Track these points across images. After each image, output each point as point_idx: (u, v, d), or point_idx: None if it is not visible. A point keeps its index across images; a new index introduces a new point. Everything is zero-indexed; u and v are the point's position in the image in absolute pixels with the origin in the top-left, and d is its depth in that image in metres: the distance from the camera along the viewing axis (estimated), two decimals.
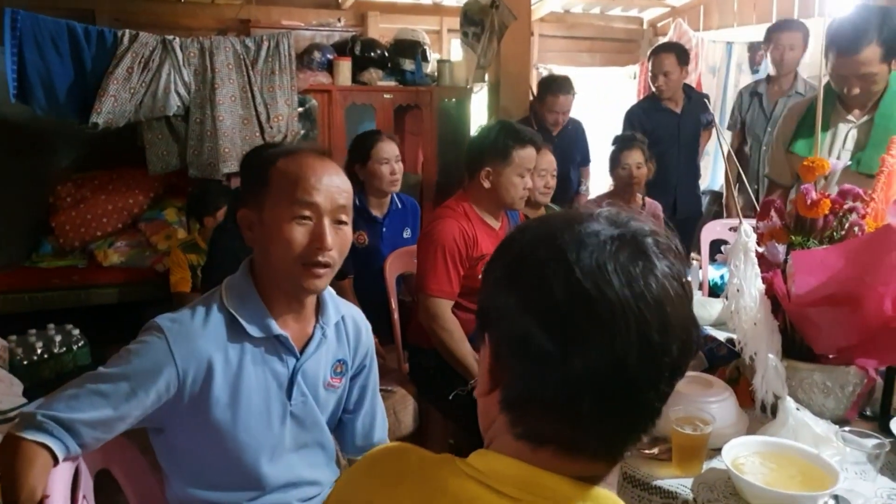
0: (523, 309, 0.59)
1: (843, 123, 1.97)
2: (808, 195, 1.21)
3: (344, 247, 1.13)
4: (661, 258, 0.59)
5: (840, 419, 1.26)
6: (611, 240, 0.58)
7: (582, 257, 0.57)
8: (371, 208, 2.61)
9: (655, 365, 0.57)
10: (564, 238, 0.59)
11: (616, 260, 0.57)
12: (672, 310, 0.57)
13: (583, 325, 0.56)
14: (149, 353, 1.06)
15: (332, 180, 1.12)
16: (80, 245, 3.57)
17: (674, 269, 0.59)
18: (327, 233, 1.09)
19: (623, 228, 0.60)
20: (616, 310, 0.55)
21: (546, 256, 0.59)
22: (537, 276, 0.59)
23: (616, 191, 2.78)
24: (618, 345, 0.55)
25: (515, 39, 3.32)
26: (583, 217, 0.61)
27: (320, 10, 4.58)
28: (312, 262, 1.09)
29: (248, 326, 1.11)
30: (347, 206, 1.13)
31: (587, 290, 0.56)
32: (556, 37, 5.50)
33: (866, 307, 1.15)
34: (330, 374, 1.23)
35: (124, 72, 3.06)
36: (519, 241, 0.63)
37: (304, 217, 1.09)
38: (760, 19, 4.83)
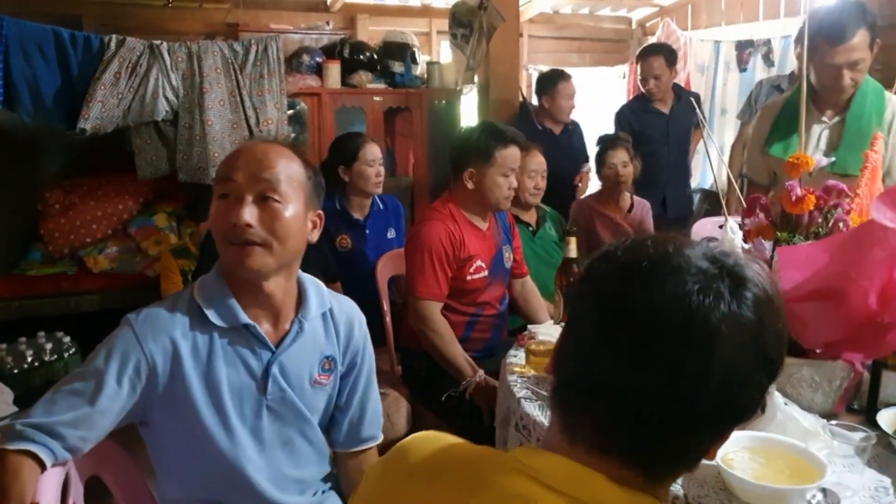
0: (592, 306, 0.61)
1: (817, 124, 1.98)
2: (792, 192, 1.22)
3: (276, 226, 1.09)
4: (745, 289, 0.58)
5: (828, 413, 1.27)
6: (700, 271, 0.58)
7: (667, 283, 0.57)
8: (352, 211, 2.62)
9: (679, 397, 0.56)
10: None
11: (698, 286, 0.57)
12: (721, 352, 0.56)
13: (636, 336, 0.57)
14: (116, 344, 1.07)
15: (257, 156, 1.10)
16: (70, 252, 3.55)
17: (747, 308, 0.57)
18: (243, 208, 1.06)
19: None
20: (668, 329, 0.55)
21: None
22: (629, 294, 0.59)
23: (604, 190, 2.80)
24: (658, 363, 0.55)
25: (504, 40, 3.33)
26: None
27: (309, 13, 4.57)
28: (233, 240, 1.08)
29: (211, 314, 1.11)
30: (276, 182, 1.09)
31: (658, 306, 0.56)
32: (545, 37, 5.52)
33: (851, 302, 1.16)
34: (318, 370, 1.22)
35: (112, 77, 3.05)
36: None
37: (224, 195, 1.10)
38: (748, 18, 4.87)
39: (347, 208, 2.61)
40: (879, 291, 1.15)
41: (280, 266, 1.13)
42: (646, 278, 0.57)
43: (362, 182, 2.55)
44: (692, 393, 0.56)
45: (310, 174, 1.17)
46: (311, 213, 1.17)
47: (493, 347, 2.14)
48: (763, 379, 0.59)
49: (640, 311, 0.57)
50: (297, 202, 1.12)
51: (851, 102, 1.90)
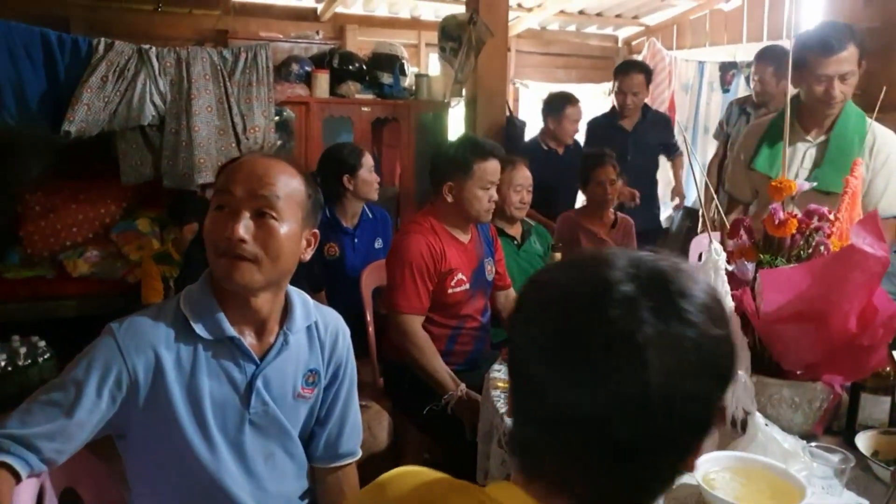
0: (531, 339, 0.59)
1: (802, 143, 2.03)
2: (776, 215, 1.24)
3: (269, 242, 1.07)
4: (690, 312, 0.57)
5: (808, 434, 1.29)
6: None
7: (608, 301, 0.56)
8: (343, 219, 2.63)
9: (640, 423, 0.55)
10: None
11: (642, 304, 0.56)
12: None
13: (577, 358, 0.56)
14: (98, 354, 1.05)
15: (257, 172, 1.09)
16: (49, 255, 3.49)
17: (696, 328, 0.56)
18: (238, 223, 1.05)
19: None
20: (617, 347, 0.55)
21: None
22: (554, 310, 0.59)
23: (589, 206, 2.82)
24: (605, 389, 0.54)
25: (492, 55, 3.35)
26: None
27: (299, 22, 4.58)
28: (225, 252, 1.07)
29: (197, 326, 1.09)
30: (272, 199, 1.08)
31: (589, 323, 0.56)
32: (533, 53, 5.57)
33: (832, 324, 1.18)
34: (301, 384, 1.21)
35: (98, 80, 3.02)
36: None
37: (220, 207, 1.09)
38: (731, 40, 4.97)
39: (338, 216, 2.62)
40: (859, 314, 1.18)
41: (269, 283, 1.11)
42: (573, 307, 0.57)
43: (366, 189, 2.60)
44: (637, 417, 0.55)
45: (310, 192, 1.15)
46: (306, 232, 1.16)
47: (476, 360, 2.14)
48: (714, 391, 0.58)
49: (573, 339, 0.56)
50: (293, 220, 1.11)
51: (836, 123, 1.94)
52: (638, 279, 0.57)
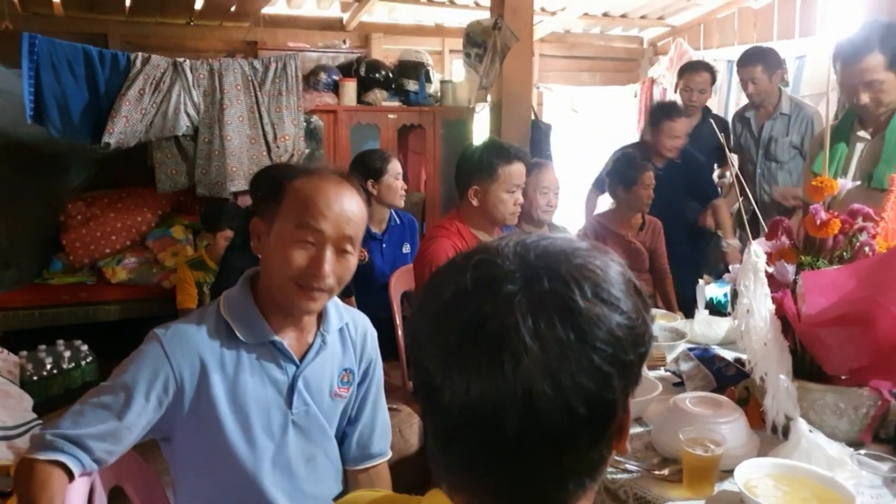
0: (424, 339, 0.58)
1: (860, 142, 2.02)
2: (817, 215, 1.22)
3: (344, 274, 1.13)
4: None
5: (854, 442, 1.25)
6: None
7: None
8: (371, 225, 2.65)
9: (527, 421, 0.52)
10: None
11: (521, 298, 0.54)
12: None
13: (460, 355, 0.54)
14: (146, 360, 1.08)
15: (343, 208, 1.12)
16: (90, 262, 3.60)
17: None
18: (326, 261, 1.09)
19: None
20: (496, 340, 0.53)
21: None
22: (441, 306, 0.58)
23: (620, 210, 2.79)
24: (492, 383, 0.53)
25: (517, 60, 3.35)
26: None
27: (325, 31, 4.64)
28: (307, 286, 1.11)
29: (240, 331, 1.13)
30: (355, 237, 1.13)
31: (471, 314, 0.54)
32: (557, 56, 5.56)
33: (879, 327, 1.15)
34: (337, 383, 1.24)
35: (136, 93, 3.10)
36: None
37: (308, 241, 1.11)
38: (761, 38, 4.88)
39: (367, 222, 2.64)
40: None
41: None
42: (458, 312, 0.55)
43: (390, 194, 2.62)
44: (524, 416, 0.53)
45: (365, 213, 1.18)
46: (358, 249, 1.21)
47: None
48: (608, 380, 0.54)
49: (456, 339, 0.55)
50: (359, 245, 1.16)
51: (892, 118, 1.92)
52: (522, 273, 0.55)
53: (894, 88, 1.89)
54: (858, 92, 1.89)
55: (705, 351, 1.62)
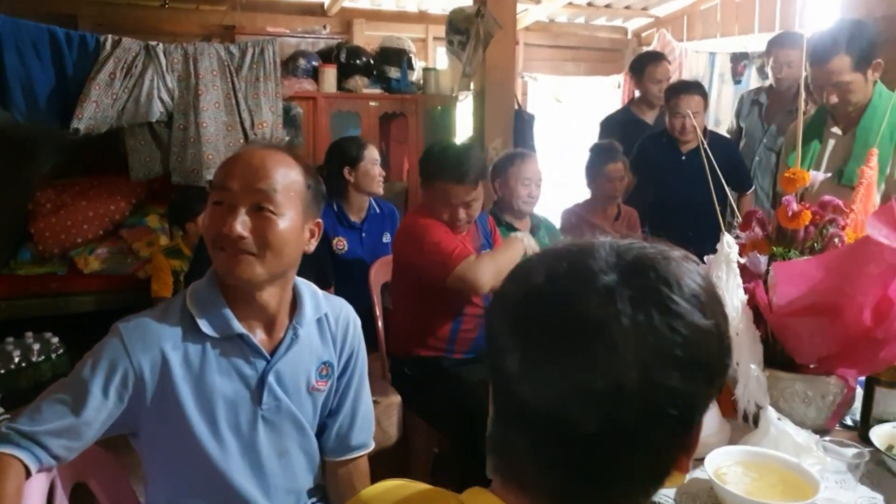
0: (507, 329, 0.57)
1: (833, 138, 2.04)
2: (789, 207, 1.22)
3: (268, 235, 1.06)
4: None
5: (821, 429, 1.27)
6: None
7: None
8: (350, 213, 2.62)
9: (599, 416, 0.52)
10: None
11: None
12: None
13: (543, 346, 0.54)
14: (104, 353, 1.05)
15: (254, 163, 1.08)
16: (60, 252, 3.52)
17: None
18: (236, 219, 1.04)
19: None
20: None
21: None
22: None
23: (596, 200, 2.80)
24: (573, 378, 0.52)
25: (500, 48, 3.33)
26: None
27: (306, 16, 4.57)
28: (224, 248, 1.07)
29: (203, 324, 1.09)
30: (272, 193, 1.07)
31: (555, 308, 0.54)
32: (541, 46, 5.54)
33: (846, 317, 1.16)
34: (315, 377, 1.20)
35: (107, 77, 3.03)
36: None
37: (218, 202, 1.08)
38: (743, 30, 4.91)
39: (346, 211, 2.62)
40: (874, 307, 1.15)
41: (273, 277, 1.11)
42: (551, 299, 0.55)
43: (367, 181, 2.58)
44: (609, 412, 0.52)
45: (310, 182, 1.14)
46: (309, 223, 1.15)
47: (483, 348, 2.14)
48: (698, 386, 0.54)
49: (546, 331, 0.54)
50: (293, 212, 1.10)
51: (863, 116, 1.94)
52: (619, 268, 0.55)
53: (861, 88, 1.91)
54: (828, 92, 1.92)
55: None
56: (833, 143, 2.03)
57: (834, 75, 1.88)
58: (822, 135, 2.06)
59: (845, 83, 1.88)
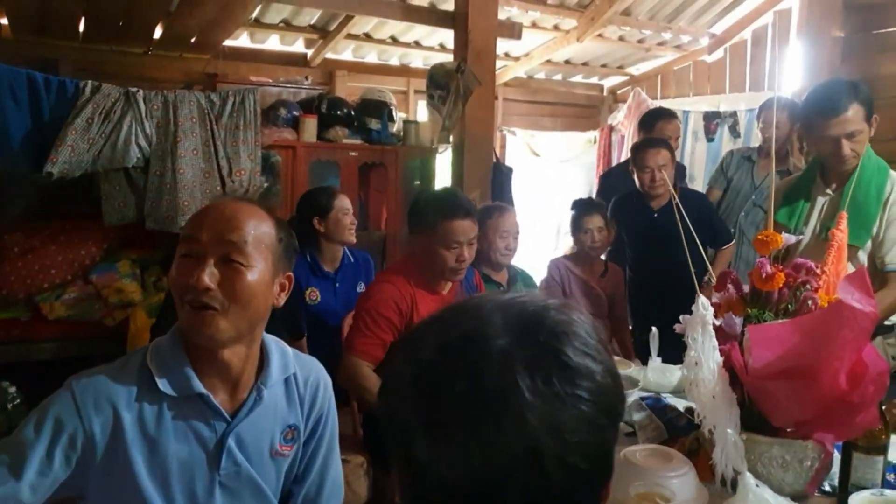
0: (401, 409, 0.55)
1: (821, 196, 2.05)
2: (762, 269, 1.23)
3: (237, 289, 1.03)
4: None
5: (799, 494, 1.25)
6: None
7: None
8: (323, 263, 2.60)
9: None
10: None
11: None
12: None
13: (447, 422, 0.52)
14: (53, 411, 0.99)
15: (225, 215, 1.06)
16: (25, 297, 3.40)
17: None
18: (203, 270, 1.01)
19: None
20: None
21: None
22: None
23: (579, 254, 2.81)
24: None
25: (480, 103, 3.39)
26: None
27: (288, 66, 4.63)
28: (191, 302, 1.02)
29: (162, 383, 1.04)
30: (242, 245, 1.04)
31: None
32: (520, 101, 5.67)
33: (822, 381, 1.15)
34: (280, 441, 1.15)
35: (84, 122, 3.01)
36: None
37: (186, 254, 1.05)
38: (715, 90, 5.10)
39: (319, 261, 2.59)
40: (849, 371, 1.15)
41: (239, 333, 1.07)
42: (449, 373, 0.53)
43: (339, 231, 2.56)
44: (529, 480, 0.51)
45: (281, 235, 1.11)
46: (279, 277, 1.12)
47: None
48: (606, 432, 0.55)
49: (449, 407, 0.52)
50: (263, 265, 1.07)
51: (851, 175, 1.95)
52: (510, 328, 0.54)
53: (866, 139, 1.93)
54: (841, 144, 1.89)
55: (657, 400, 1.61)
56: (823, 200, 2.04)
57: (850, 124, 1.87)
58: (809, 194, 2.07)
59: (858, 132, 1.88)
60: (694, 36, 5.14)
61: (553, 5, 4.54)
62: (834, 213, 1.99)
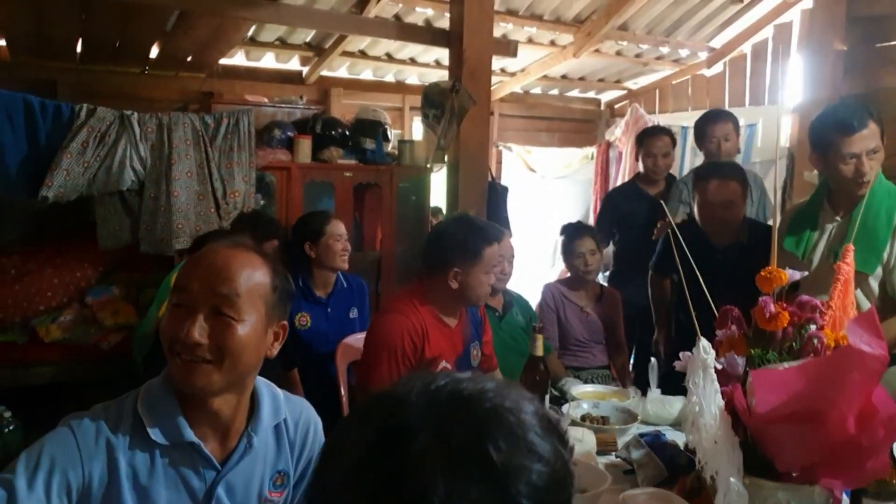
0: None
1: (830, 223, 2.01)
2: (766, 308, 1.19)
3: (230, 343, 1.01)
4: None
5: None
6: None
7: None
8: (315, 289, 2.56)
9: None
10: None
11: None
12: None
13: None
14: (51, 452, 0.96)
15: (217, 264, 1.03)
16: (21, 320, 3.37)
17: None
18: (193, 324, 0.99)
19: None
20: None
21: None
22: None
23: (573, 279, 2.78)
24: None
25: (475, 122, 3.36)
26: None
27: (284, 84, 4.62)
28: (180, 353, 1.01)
29: (153, 431, 1.01)
30: (231, 297, 1.01)
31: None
32: (516, 116, 5.66)
33: (829, 425, 1.11)
34: (269, 487, 1.13)
35: (79, 146, 2.98)
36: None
37: (177, 304, 1.03)
38: (714, 104, 5.09)
39: (310, 285, 2.56)
40: (857, 415, 1.11)
41: (229, 384, 1.05)
42: (370, 484, 0.50)
43: (329, 256, 2.52)
44: None
45: (276, 284, 1.09)
46: (273, 326, 1.10)
47: None
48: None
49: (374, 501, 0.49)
50: (255, 317, 1.05)
51: (860, 200, 1.89)
52: (433, 418, 0.50)
53: (881, 159, 1.89)
54: (862, 162, 1.85)
55: (657, 437, 1.56)
56: (831, 227, 1.99)
57: (871, 140, 1.84)
58: (817, 221, 2.02)
59: (879, 149, 1.85)
60: (693, 50, 5.13)
61: (549, 21, 4.53)
62: (843, 238, 1.94)
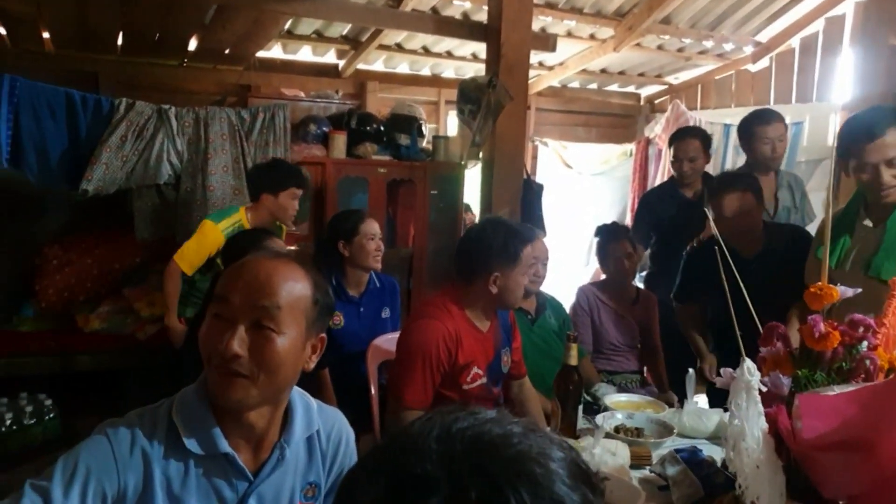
0: None
1: (863, 231, 1.94)
2: (815, 327, 1.12)
3: (269, 357, 1.00)
4: None
5: None
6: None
7: None
8: (348, 288, 2.55)
9: None
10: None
11: None
12: None
13: None
14: (89, 458, 0.97)
15: (258, 277, 1.01)
16: (63, 309, 3.47)
17: None
18: (233, 337, 0.98)
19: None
20: None
21: None
22: None
23: (608, 281, 2.71)
24: None
25: (511, 119, 3.30)
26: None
27: (320, 77, 4.62)
28: (218, 366, 1.00)
29: (188, 442, 1.01)
30: (272, 310, 1.00)
31: None
32: (552, 110, 5.55)
33: (880, 454, 1.04)
34: (300, 498, 1.13)
35: (118, 140, 3.04)
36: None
37: (218, 316, 1.01)
38: (759, 101, 4.90)
39: (343, 284, 2.55)
40: None
41: (266, 398, 1.04)
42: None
43: (362, 256, 2.51)
44: None
45: (317, 297, 1.07)
46: (312, 339, 1.09)
47: None
48: None
49: None
50: (295, 330, 1.04)
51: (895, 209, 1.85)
52: (449, 470, 0.46)
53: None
54: (879, 170, 1.81)
55: (693, 453, 1.51)
56: (864, 234, 1.93)
57: (890, 149, 1.79)
58: (853, 230, 1.96)
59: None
60: (738, 44, 4.95)
61: (590, 14, 4.42)
62: (873, 246, 1.88)
